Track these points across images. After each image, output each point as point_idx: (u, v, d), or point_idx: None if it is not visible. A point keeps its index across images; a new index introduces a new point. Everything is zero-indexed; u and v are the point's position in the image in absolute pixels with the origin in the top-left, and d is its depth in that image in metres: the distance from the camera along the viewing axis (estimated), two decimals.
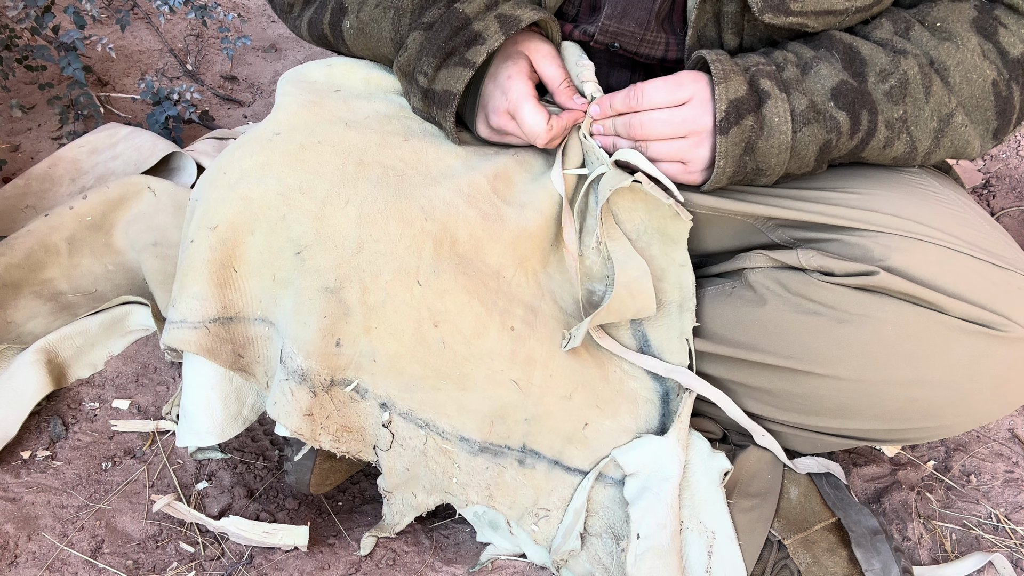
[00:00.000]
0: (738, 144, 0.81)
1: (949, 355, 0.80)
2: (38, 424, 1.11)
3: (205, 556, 0.97)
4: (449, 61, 0.85)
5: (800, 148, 0.82)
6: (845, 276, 0.84)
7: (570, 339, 0.87)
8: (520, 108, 0.86)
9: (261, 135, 0.85)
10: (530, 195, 0.90)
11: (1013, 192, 1.60)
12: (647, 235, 0.94)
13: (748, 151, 0.81)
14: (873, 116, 0.82)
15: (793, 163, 0.83)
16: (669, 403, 0.93)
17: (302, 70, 0.96)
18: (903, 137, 0.83)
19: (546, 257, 0.91)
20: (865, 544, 0.93)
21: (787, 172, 0.85)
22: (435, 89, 0.86)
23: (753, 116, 0.80)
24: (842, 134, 0.82)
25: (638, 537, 0.85)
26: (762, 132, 0.80)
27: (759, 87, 0.81)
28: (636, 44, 0.93)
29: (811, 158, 0.83)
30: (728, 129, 0.80)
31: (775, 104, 0.80)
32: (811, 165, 0.84)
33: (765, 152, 0.81)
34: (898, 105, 0.82)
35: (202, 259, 0.83)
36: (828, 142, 0.82)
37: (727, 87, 0.80)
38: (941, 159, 0.88)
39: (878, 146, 0.83)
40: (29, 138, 1.67)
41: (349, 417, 0.86)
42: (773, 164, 0.82)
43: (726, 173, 0.83)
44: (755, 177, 0.85)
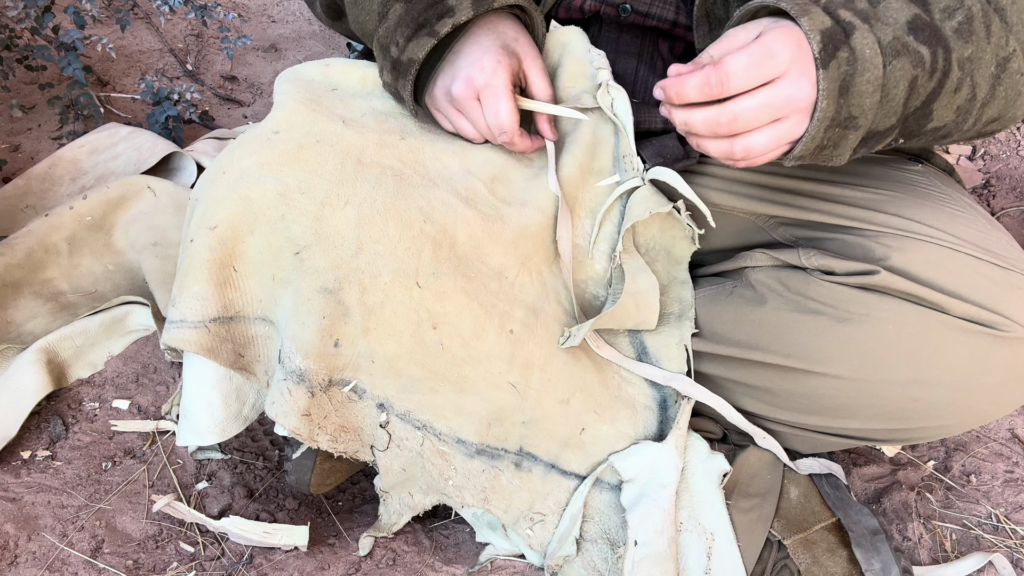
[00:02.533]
0: (835, 80, 0.69)
1: (950, 355, 0.80)
2: (38, 424, 1.11)
3: (205, 556, 0.97)
4: (420, 32, 0.84)
5: (890, 86, 0.71)
6: (846, 275, 0.83)
7: (569, 337, 0.87)
8: (499, 97, 0.84)
9: (260, 134, 0.85)
10: (530, 192, 0.90)
11: (1013, 192, 1.60)
12: (654, 251, 0.95)
13: (843, 91, 0.69)
14: (947, 54, 0.73)
15: (882, 108, 0.72)
16: (667, 409, 0.93)
17: (299, 69, 0.96)
18: (968, 81, 0.75)
19: (550, 256, 0.91)
20: (865, 544, 0.93)
21: (872, 127, 0.73)
22: (402, 59, 0.85)
23: (846, 48, 0.69)
24: (924, 70, 0.72)
25: (636, 544, 0.85)
26: (856, 66, 0.69)
27: (840, 18, 0.70)
28: (648, 4, 0.92)
29: (900, 100, 0.72)
30: (828, 63, 0.68)
31: (862, 35, 0.69)
32: (897, 113, 0.73)
33: (860, 91, 0.69)
34: (967, 43, 0.74)
35: (202, 259, 0.84)
36: (915, 79, 0.72)
37: (812, 19, 0.69)
38: (990, 117, 0.80)
39: (950, 89, 0.74)
40: (29, 138, 1.67)
41: (347, 417, 0.86)
42: (866, 108, 0.70)
43: (826, 117, 0.70)
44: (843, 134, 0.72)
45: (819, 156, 0.74)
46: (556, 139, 0.91)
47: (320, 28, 2.10)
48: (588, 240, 0.93)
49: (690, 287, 0.95)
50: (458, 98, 0.86)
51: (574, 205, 0.92)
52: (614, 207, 0.93)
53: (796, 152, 0.73)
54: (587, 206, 0.93)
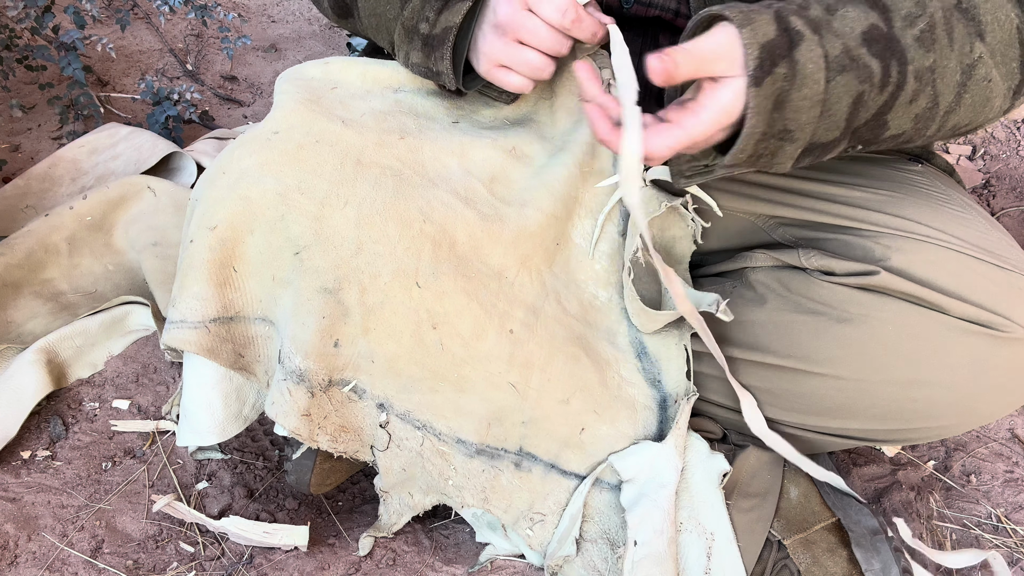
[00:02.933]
0: (769, 97, 0.68)
1: (950, 355, 0.80)
2: (38, 424, 1.11)
3: (205, 556, 0.97)
4: (451, 2, 0.82)
5: (832, 102, 0.70)
6: (846, 276, 0.83)
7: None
8: None
9: (260, 134, 0.85)
10: (530, 192, 0.90)
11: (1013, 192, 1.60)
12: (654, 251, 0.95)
13: (778, 106, 0.69)
14: (903, 66, 0.71)
15: (822, 123, 0.71)
16: (667, 410, 0.93)
17: (299, 68, 0.96)
18: (928, 91, 0.73)
19: (551, 256, 0.91)
20: (865, 544, 0.93)
21: (812, 140, 0.72)
22: (435, 32, 0.83)
23: (786, 63, 0.68)
24: (874, 86, 0.71)
25: (635, 544, 0.85)
26: (795, 81, 0.68)
27: (790, 26, 0.68)
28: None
29: (842, 115, 0.71)
30: (762, 80, 0.67)
31: (808, 47, 0.68)
32: (840, 127, 0.72)
33: (797, 106, 0.69)
34: (929, 52, 0.72)
35: (202, 259, 0.84)
36: (861, 95, 0.71)
37: (754, 29, 0.67)
38: (958, 123, 0.78)
39: (905, 101, 0.73)
40: (29, 138, 1.67)
41: (347, 417, 0.86)
42: (803, 122, 0.70)
43: (755, 134, 0.70)
44: (780, 145, 0.72)
45: (756, 164, 0.74)
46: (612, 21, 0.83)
47: (320, 28, 2.10)
48: (589, 240, 0.93)
49: (690, 287, 0.95)
50: (505, 21, 0.81)
51: (574, 205, 0.92)
52: (617, 208, 0.93)
53: (727, 160, 0.73)
54: (587, 206, 0.93)
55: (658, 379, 0.94)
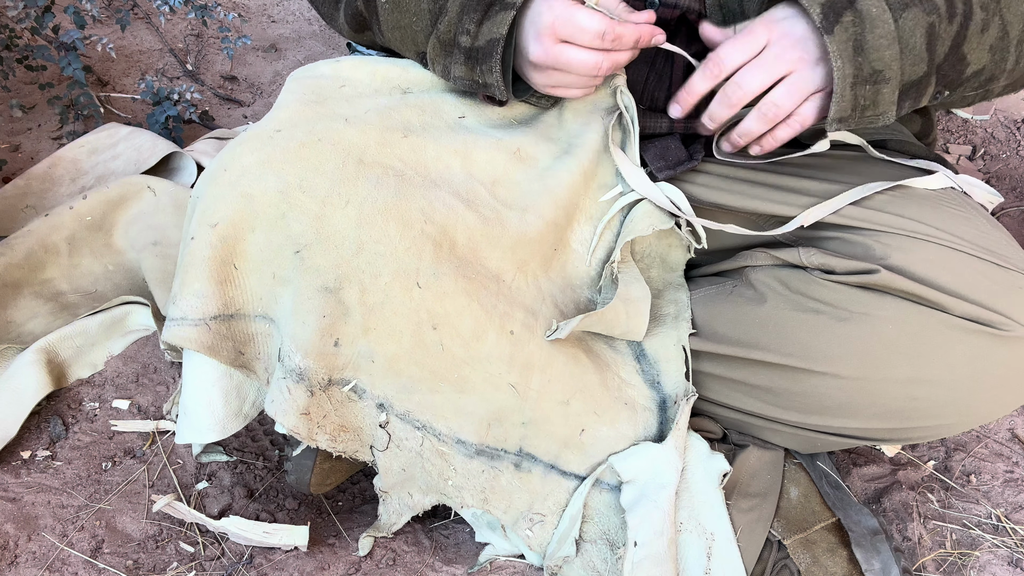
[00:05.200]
0: (846, 42, 0.75)
1: (950, 354, 0.80)
2: (38, 424, 1.11)
3: (205, 556, 0.97)
4: (491, 10, 0.82)
5: (906, 36, 0.76)
6: (846, 274, 0.83)
7: (557, 330, 0.86)
8: (572, 18, 0.80)
9: (262, 132, 0.85)
10: (533, 197, 0.89)
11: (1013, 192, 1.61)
12: (649, 258, 0.96)
13: (858, 50, 0.76)
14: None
15: (906, 58, 0.77)
16: (667, 411, 0.93)
17: (311, 67, 0.96)
18: (996, 20, 0.79)
19: (548, 262, 0.91)
20: (865, 544, 0.93)
21: (904, 78, 0.78)
22: (479, 45, 0.83)
23: (850, 11, 0.75)
24: (941, 16, 0.77)
25: (635, 545, 0.85)
26: (865, 25, 0.75)
27: None
28: None
29: (922, 47, 0.77)
30: (832, 28, 0.75)
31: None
32: (925, 60, 0.78)
33: (875, 45, 0.75)
34: None
35: (203, 256, 0.84)
36: (932, 25, 0.77)
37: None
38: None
39: (976, 31, 0.79)
40: (29, 138, 1.67)
41: (346, 417, 0.86)
42: (888, 59, 0.76)
43: (847, 76, 0.76)
44: (877, 88, 0.77)
45: (863, 118, 0.79)
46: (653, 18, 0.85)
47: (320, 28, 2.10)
48: (587, 247, 0.93)
49: (685, 289, 0.96)
50: (541, 60, 0.83)
51: (575, 211, 0.92)
52: (616, 217, 0.93)
53: (833, 113, 0.78)
54: (587, 212, 0.93)
55: (657, 380, 0.94)
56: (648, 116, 0.96)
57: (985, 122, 1.75)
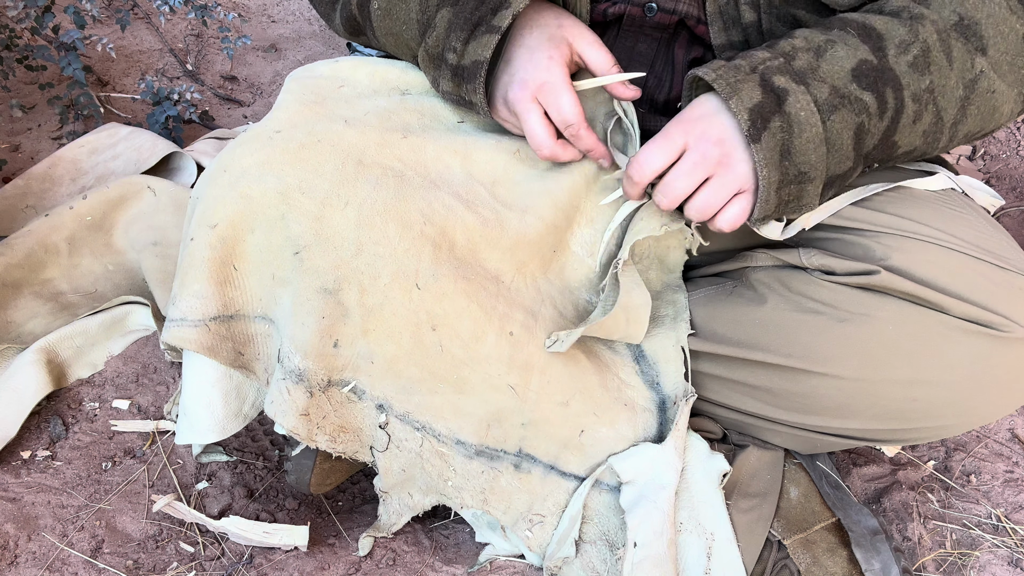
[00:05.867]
0: (773, 149, 0.75)
1: (950, 355, 0.80)
2: (38, 424, 1.11)
3: (205, 556, 0.97)
4: (477, 31, 0.82)
5: (834, 138, 0.76)
6: (846, 275, 0.83)
7: (556, 341, 0.86)
8: (558, 92, 0.83)
9: (261, 133, 0.85)
10: (533, 198, 0.89)
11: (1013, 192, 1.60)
12: (648, 260, 0.96)
13: (785, 154, 0.76)
14: (898, 92, 0.77)
15: (832, 158, 0.77)
16: (666, 411, 0.93)
17: (310, 67, 0.96)
18: (930, 108, 0.79)
19: (546, 264, 0.91)
20: (865, 544, 0.93)
21: (829, 174, 0.78)
22: (464, 64, 0.84)
23: (779, 116, 0.75)
24: (871, 115, 0.77)
25: (635, 545, 0.85)
26: (792, 130, 0.75)
27: (774, 86, 0.76)
28: (674, 1, 0.91)
29: (848, 147, 0.77)
30: (759, 136, 0.75)
31: (796, 99, 0.75)
32: (851, 157, 0.78)
33: (802, 149, 0.75)
34: (924, 75, 0.77)
35: (202, 257, 0.84)
36: (860, 125, 0.77)
37: (740, 98, 0.75)
38: (969, 132, 0.83)
39: (908, 122, 0.79)
40: (29, 138, 1.67)
41: (346, 418, 0.86)
42: (814, 161, 0.76)
43: (772, 183, 0.77)
44: (801, 187, 0.78)
45: (787, 211, 0.81)
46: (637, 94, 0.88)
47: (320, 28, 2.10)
48: (586, 249, 0.93)
49: (683, 290, 0.96)
50: (513, 102, 0.85)
51: (575, 214, 0.92)
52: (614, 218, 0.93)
53: (756, 214, 0.80)
54: (588, 215, 0.93)
55: (656, 381, 0.94)
56: (648, 118, 0.96)
57: None
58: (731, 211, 0.80)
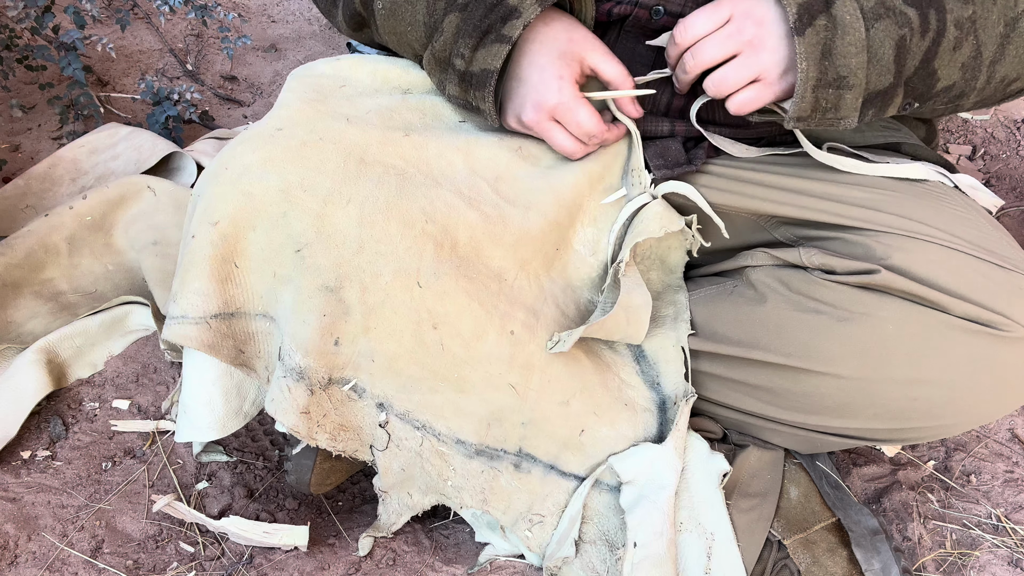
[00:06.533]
0: (815, 46, 0.76)
1: (950, 354, 0.80)
2: (38, 424, 1.11)
3: (205, 556, 0.97)
4: (486, 39, 0.83)
5: (876, 46, 0.77)
6: (847, 274, 0.84)
7: (559, 342, 0.86)
8: (575, 110, 0.85)
9: (263, 131, 0.85)
10: (535, 195, 0.90)
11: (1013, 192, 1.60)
12: (649, 260, 0.96)
13: (826, 54, 0.76)
14: (941, 15, 0.78)
15: (872, 68, 0.78)
16: (667, 411, 0.93)
17: (310, 66, 0.96)
18: (970, 39, 0.80)
19: (549, 262, 0.91)
20: (865, 544, 0.93)
21: (869, 87, 0.79)
22: (472, 71, 0.84)
23: (824, 16, 0.76)
24: (914, 31, 0.78)
25: (635, 546, 0.85)
26: (836, 31, 0.76)
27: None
28: (681, 5, 0.91)
29: (890, 59, 0.77)
30: (803, 30, 0.76)
31: (843, 2, 0.76)
32: (891, 71, 0.78)
33: (843, 52, 0.76)
34: (967, 4, 0.79)
35: (203, 254, 0.83)
36: (902, 39, 0.77)
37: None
38: (1005, 75, 0.84)
39: (948, 48, 0.79)
40: (29, 138, 1.67)
41: (346, 416, 0.86)
42: (854, 67, 0.77)
43: (810, 79, 0.77)
44: (839, 94, 0.78)
45: (824, 119, 0.80)
46: (641, 114, 0.91)
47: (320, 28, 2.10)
48: (589, 248, 0.93)
49: (684, 290, 0.96)
50: (530, 125, 0.88)
51: (578, 212, 0.92)
52: (617, 218, 0.93)
53: (792, 111, 0.79)
54: (591, 214, 0.93)
55: (657, 381, 0.94)
56: (650, 119, 0.96)
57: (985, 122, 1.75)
58: (745, 94, 0.81)
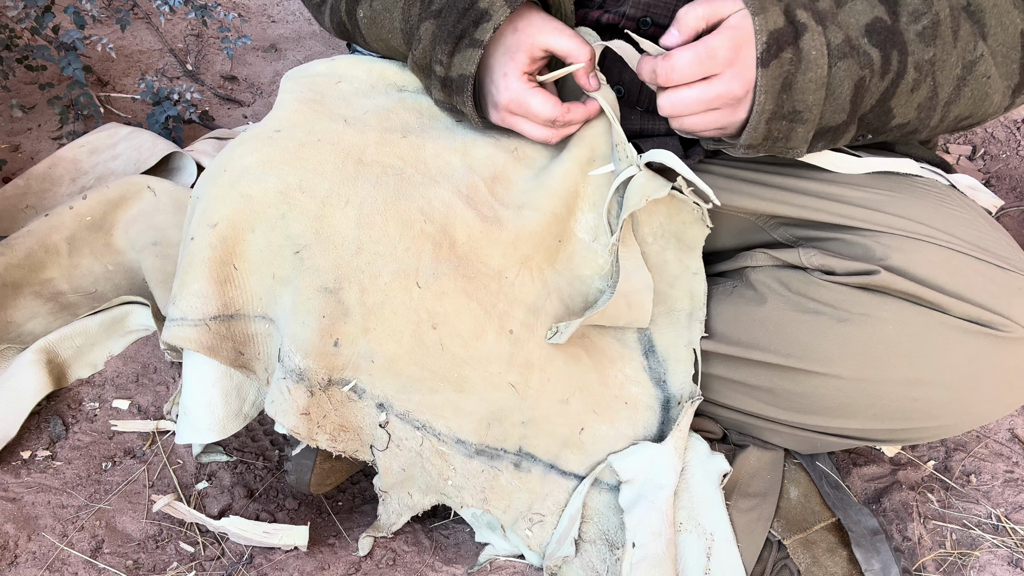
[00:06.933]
0: (777, 79, 0.75)
1: (950, 355, 0.80)
2: (38, 424, 1.11)
3: (205, 556, 0.97)
4: (461, 44, 0.83)
5: (835, 85, 0.77)
6: (846, 275, 0.84)
7: (557, 332, 0.86)
8: (524, 101, 0.85)
9: (261, 132, 0.85)
10: (529, 194, 0.90)
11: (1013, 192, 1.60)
12: (664, 239, 0.94)
13: (786, 88, 0.76)
14: (903, 56, 0.78)
15: (828, 105, 0.78)
16: (669, 410, 0.92)
17: (305, 67, 0.96)
18: (928, 81, 0.80)
19: (553, 254, 0.91)
20: (865, 544, 0.93)
21: (823, 122, 0.79)
22: (451, 76, 0.85)
23: (792, 49, 0.75)
24: (874, 72, 0.78)
25: (633, 546, 0.85)
26: (800, 65, 0.75)
27: (795, 18, 0.76)
28: (668, 16, 0.91)
29: (847, 98, 0.78)
30: (768, 62, 0.75)
31: (812, 37, 0.75)
32: (846, 111, 0.78)
33: (803, 88, 0.76)
34: (928, 47, 0.79)
35: (202, 256, 0.84)
36: (862, 80, 0.77)
37: (766, 18, 0.75)
38: (959, 115, 0.84)
39: (906, 89, 0.80)
40: (29, 138, 1.67)
41: (346, 417, 0.86)
42: (810, 103, 0.77)
43: (765, 111, 0.77)
44: (792, 126, 0.78)
45: (773, 147, 0.80)
46: (599, 86, 0.88)
47: (320, 28, 2.10)
48: (590, 233, 0.93)
49: (702, 280, 0.94)
50: (499, 123, 0.89)
51: (575, 200, 0.92)
52: (615, 199, 0.92)
53: (743, 140, 0.79)
54: (589, 199, 0.92)
55: (663, 379, 0.94)
56: (646, 118, 0.96)
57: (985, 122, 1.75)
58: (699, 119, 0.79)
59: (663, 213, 0.92)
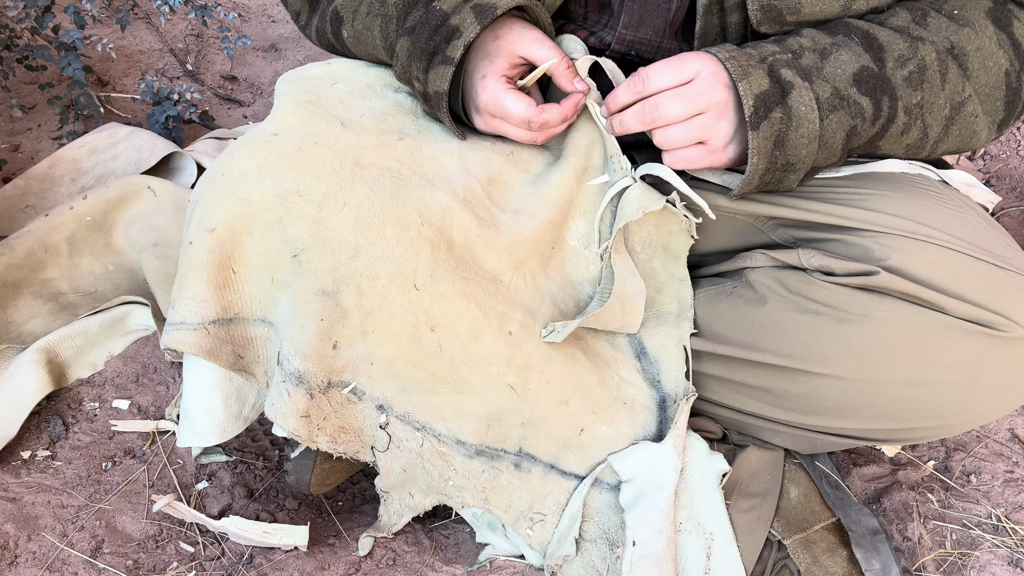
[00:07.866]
0: (769, 139, 0.78)
1: (949, 355, 0.80)
2: (38, 424, 1.11)
3: (205, 556, 0.97)
4: (434, 61, 0.85)
5: (828, 136, 0.79)
6: (846, 276, 0.83)
7: (552, 331, 0.86)
8: (502, 104, 0.85)
9: (259, 136, 0.85)
10: (525, 200, 0.90)
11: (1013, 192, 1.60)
12: (651, 248, 0.95)
13: (779, 145, 0.79)
14: (893, 102, 0.80)
15: (821, 153, 0.80)
16: (666, 410, 0.93)
17: (301, 69, 0.97)
18: (918, 123, 0.82)
19: (546, 261, 0.91)
20: (865, 544, 0.93)
21: (814, 165, 0.82)
22: (429, 91, 0.87)
23: (780, 108, 0.77)
24: (865, 120, 0.80)
25: (633, 544, 0.85)
26: (791, 123, 0.78)
27: (781, 78, 0.78)
28: (653, 52, 0.93)
29: (839, 146, 0.80)
30: (759, 124, 0.77)
31: (800, 94, 0.78)
32: (838, 154, 0.82)
33: (795, 143, 0.79)
34: (916, 91, 0.81)
35: (201, 261, 0.84)
36: (853, 128, 0.80)
37: (750, 83, 0.77)
38: (946, 150, 0.87)
39: (896, 132, 0.82)
40: (29, 138, 1.67)
41: (346, 419, 0.86)
42: (803, 156, 0.79)
43: (759, 169, 0.80)
44: (784, 175, 0.82)
45: (764, 189, 0.85)
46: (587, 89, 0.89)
47: None
48: (582, 241, 0.93)
49: (688, 285, 0.95)
50: (484, 129, 0.90)
51: (569, 208, 0.92)
52: (608, 209, 0.93)
53: (737, 190, 0.85)
54: (582, 208, 0.93)
55: (657, 379, 0.94)
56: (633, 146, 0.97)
57: None
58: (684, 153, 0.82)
59: (652, 224, 0.94)
